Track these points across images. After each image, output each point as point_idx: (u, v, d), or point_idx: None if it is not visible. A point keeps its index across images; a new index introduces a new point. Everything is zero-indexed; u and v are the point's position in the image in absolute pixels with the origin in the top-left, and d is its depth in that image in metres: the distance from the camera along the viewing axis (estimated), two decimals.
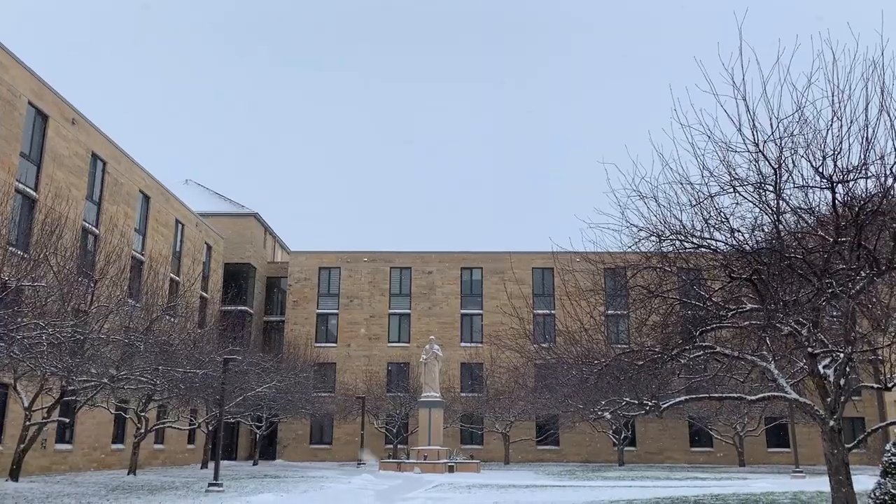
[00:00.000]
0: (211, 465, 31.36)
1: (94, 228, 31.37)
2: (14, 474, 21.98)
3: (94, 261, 24.91)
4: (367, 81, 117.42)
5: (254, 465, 39.84)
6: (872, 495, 9.77)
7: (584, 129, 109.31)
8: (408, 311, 49.69)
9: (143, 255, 35.60)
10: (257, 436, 41.90)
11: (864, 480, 18.78)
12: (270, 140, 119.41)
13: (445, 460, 34.08)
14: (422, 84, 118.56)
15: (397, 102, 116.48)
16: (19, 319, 17.52)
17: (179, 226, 40.84)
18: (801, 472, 30.13)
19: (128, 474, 27.43)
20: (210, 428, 34.55)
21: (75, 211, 29.01)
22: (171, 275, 38.79)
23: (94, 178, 32.03)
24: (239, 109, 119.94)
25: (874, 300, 13.55)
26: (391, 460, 37.12)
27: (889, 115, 10.83)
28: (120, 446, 33.40)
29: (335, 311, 50.00)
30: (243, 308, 48.11)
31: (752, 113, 11.88)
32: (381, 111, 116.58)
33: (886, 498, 9.47)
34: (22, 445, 22.44)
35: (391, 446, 44.43)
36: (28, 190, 26.90)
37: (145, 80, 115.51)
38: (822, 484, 20.60)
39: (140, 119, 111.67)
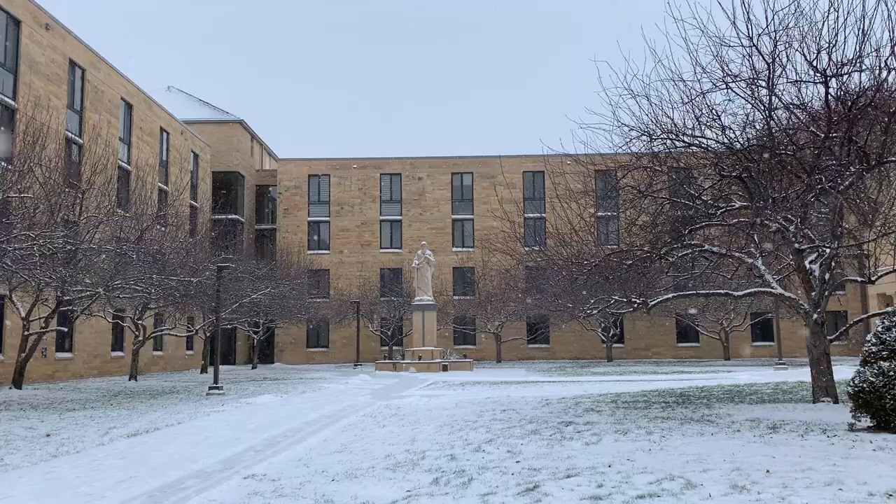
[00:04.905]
0: (210, 369, 32.13)
1: (77, 138, 30.84)
2: (17, 382, 22.49)
3: (80, 171, 24.60)
4: None
5: (252, 368, 40.80)
6: (852, 383, 10.13)
7: (575, 25, 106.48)
8: (399, 217, 49.74)
9: (129, 164, 35.17)
10: (255, 341, 42.71)
11: (844, 370, 19.48)
12: (251, 46, 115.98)
13: (439, 360, 35.04)
14: None
15: (381, 4, 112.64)
16: (10, 231, 17.47)
17: (164, 134, 40.18)
18: (784, 363, 31.12)
19: (129, 380, 28.09)
20: (207, 334, 35.14)
21: (57, 120, 28.39)
22: (160, 184, 38.47)
23: (74, 86, 31.21)
24: (215, 16, 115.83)
25: (862, 195, 13.65)
26: (387, 361, 38.07)
27: (886, 4, 10.59)
28: (119, 354, 34.05)
29: (326, 219, 50.00)
30: (234, 216, 48.03)
31: (746, 4, 11.59)
32: (365, 13, 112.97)
33: (865, 385, 9.83)
34: (23, 355, 22.87)
35: (386, 348, 45.48)
36: (6, 99, 26.24)
37: None
38: (804, 375, 21.35)
39: (114, 26, 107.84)
